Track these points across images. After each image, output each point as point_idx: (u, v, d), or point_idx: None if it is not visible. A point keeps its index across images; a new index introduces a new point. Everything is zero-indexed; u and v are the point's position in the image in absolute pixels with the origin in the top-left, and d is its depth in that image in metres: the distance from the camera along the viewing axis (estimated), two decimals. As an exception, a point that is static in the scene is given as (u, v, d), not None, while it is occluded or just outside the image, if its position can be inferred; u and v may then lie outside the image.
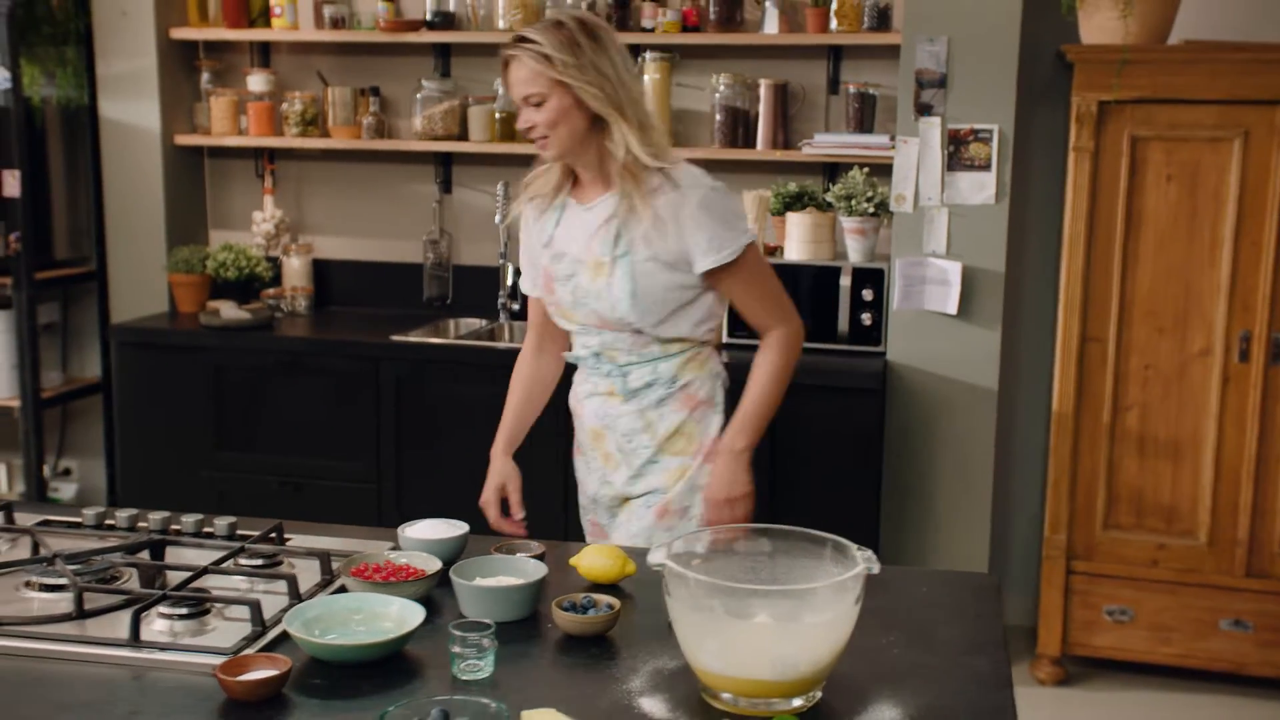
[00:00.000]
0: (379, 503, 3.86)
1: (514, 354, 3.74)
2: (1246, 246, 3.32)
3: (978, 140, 3.56)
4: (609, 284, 2.19)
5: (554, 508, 3.65)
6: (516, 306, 4.14)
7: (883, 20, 3.73)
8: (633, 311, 2.19)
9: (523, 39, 2.14)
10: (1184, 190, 3.35)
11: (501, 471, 2.45)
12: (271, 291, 4.22)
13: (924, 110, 3.58)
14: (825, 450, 3.51)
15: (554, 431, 2.83)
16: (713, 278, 2.21)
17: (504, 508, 2.43)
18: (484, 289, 4.19)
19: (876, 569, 1.49)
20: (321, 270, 4.34)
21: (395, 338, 3.84)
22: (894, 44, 3.67)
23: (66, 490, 4.38)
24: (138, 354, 3.98)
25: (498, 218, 4.06)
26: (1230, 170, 3.30)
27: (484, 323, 4.16)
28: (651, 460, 2.30)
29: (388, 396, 3.79)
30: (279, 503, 3.83)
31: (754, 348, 2.34)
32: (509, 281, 4.11)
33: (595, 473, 2.39)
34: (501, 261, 4.11)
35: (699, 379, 2.30)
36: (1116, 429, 3.47)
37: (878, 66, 3.83)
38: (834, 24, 3.76)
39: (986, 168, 3.55)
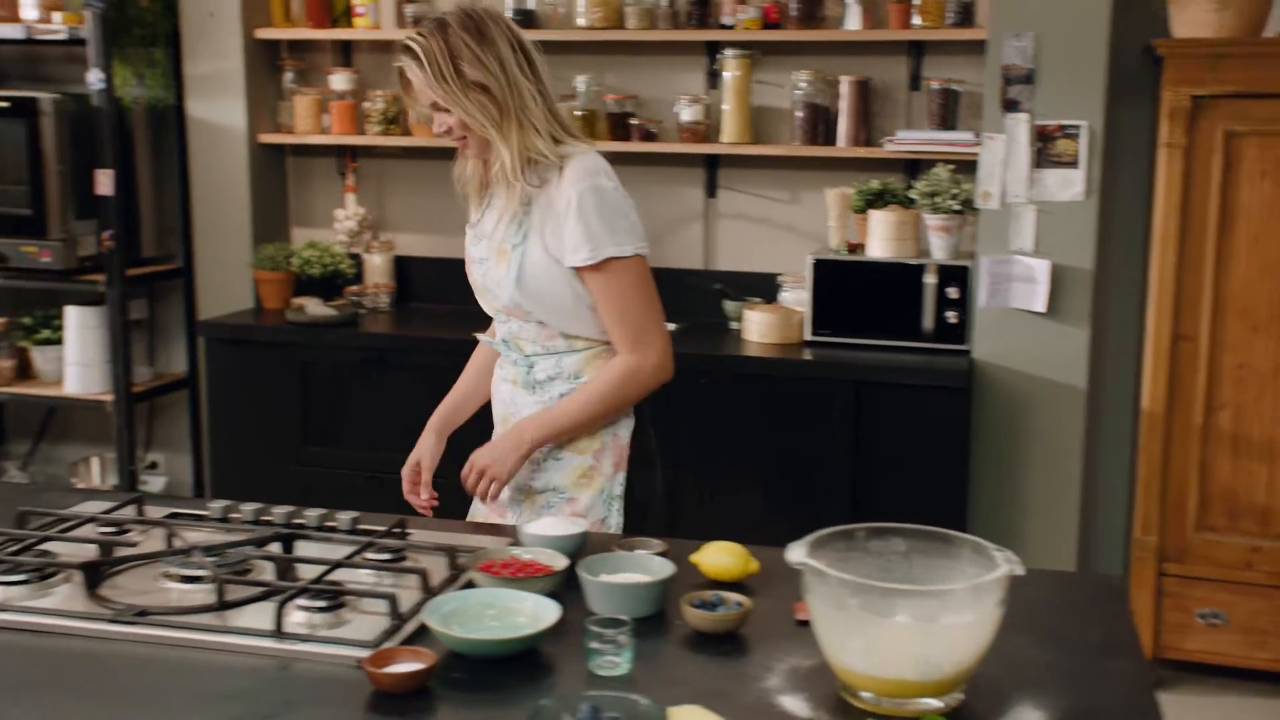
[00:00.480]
0: (461, 497, 3.88)
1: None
2: (1345, 244, 3.27)
3: (1065, 136, 3.53)
4: (506, 270, 2.20)
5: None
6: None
7: (966, 16, 3.71)
8: (517, 299, 2.18)
9: (406, 48, 2.12)
10: (1279, 186, 3.30)
11: (421, 448, 2.48)
12: (354, 288, 4.26)
13: (1011, 106, 3.56)
14: (911, 449, 3.50)
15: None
16: (582, 278, 2.17)
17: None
18: (563, 286, 4.20)
19: (1021, 571, 1.48)
20: (403, 267, 4.37)
21: (477, 335, 3.86)
22: (977, 40, 3.64)
23: (155, 483, 4.45)
24: (225, 349, 4.04)
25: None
26: (1329, 166, 3.25)
27: (564, 320, 4.17)
28: (552, 455, 2.26)
29: (471, 393, 3.81)
30: (364, 497, 3.86)
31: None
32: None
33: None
34: (581, 259, 4.12)
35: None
36: (1209, 429, 3.43)
37: (960, 62, 3.81)
38: (916, 20, 3.74)
39: (1074, 164, 3.52)
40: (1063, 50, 3.49)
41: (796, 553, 1.52)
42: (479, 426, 2.51)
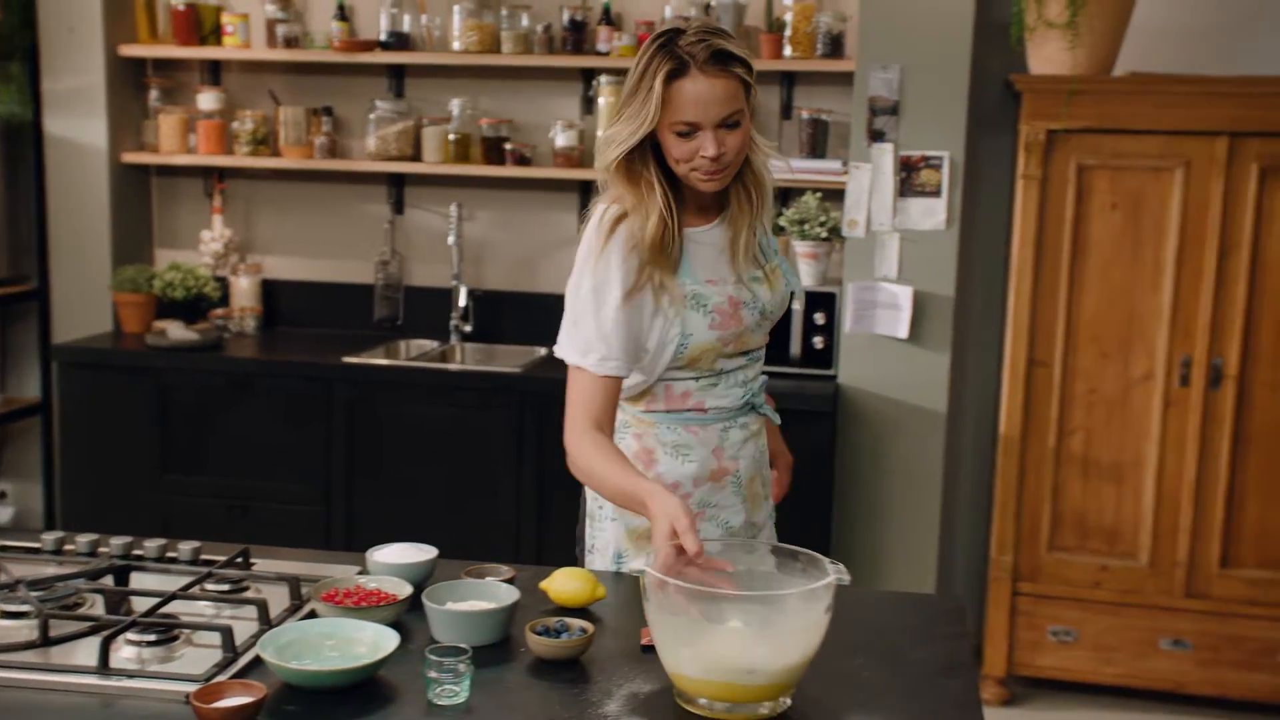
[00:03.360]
0: (328, 526, 3.82)
1: (467, 376, 3.78)
2: (1187, 273, 3.41)
3: (929, 167, 3.63)
4: (785, 286, 2.09)
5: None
6: (469, 328, 4.13)
7: (835, 48, 3.79)
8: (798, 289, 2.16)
9: (729, 55, 1.88)
10: (1128, 218, 3.43)
11: (671, 505, 1.74)
12: (220, 312, 4.17)
13: (877, 137, 3.64)
14: (778, 472, 3.53)
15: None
16: None
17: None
18: (436, 310, 4.17)
19: (847, 579, 1.55)
20: (271, 290, 4.30)
21: (347, 359, 3.82)
22: (846, 71, 3.72)
23: (3, 514, 4.29)
24: (81, 374, 3.91)
25: (450, 239, 4.06)
26: (1172, 199, 3.39)
27: (436, 344, 4.14)
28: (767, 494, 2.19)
29: (339, 418, 3.76)
30: (226, 526, 3.78)
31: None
32: (461, 303, 4.11)
33: (737, 513, 2.08)
34: (454, 283, 4.10)
35: None
36: (1061, 452, 3.54)
37: (830, 93, 3.89)
38: (788, 50, 3.81)
39: (937, 194, 3.62)
40: (927, 83, 3.59)
41: (637, 562, 1.57)
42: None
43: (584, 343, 1.96)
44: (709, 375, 2.03)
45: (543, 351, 4.03)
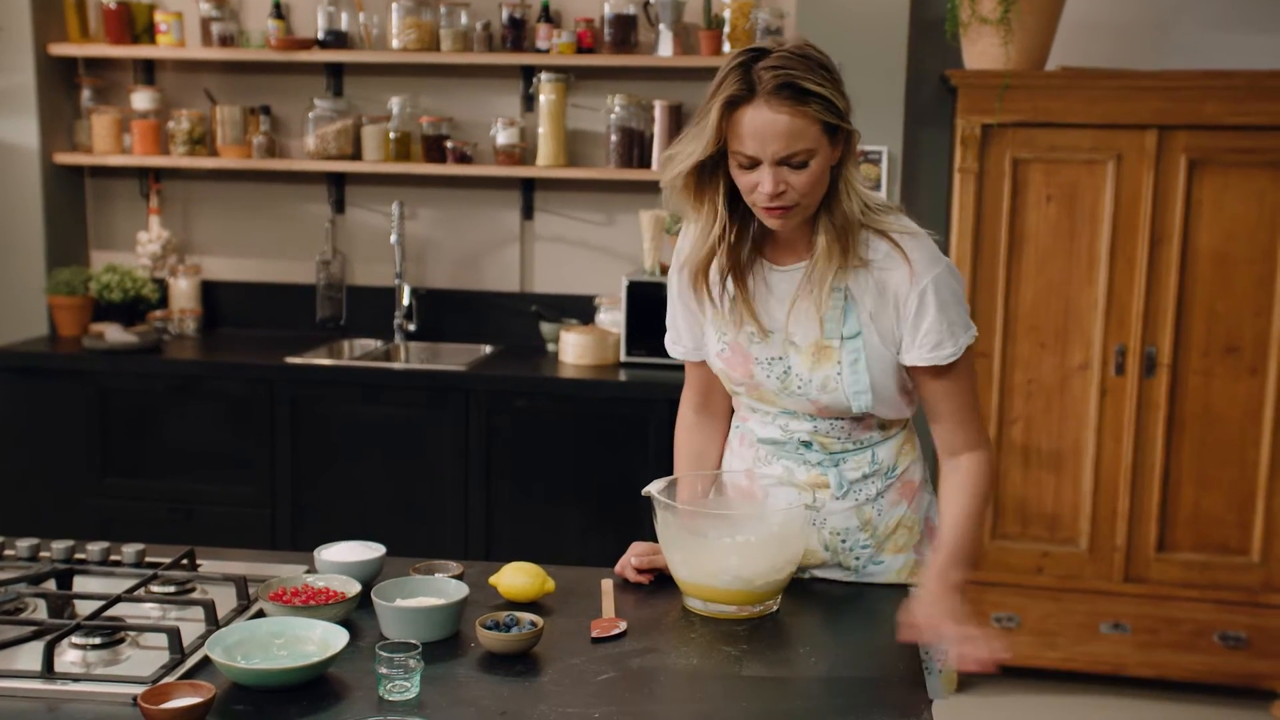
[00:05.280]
0: (273, 527, 3.79)
1: (412, 375, 3.76)
2: (1121, 264, 3.48)
3: (867, 161, 3.67)
4: (838, 373, 1.83)
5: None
6: (413, 327, 4.11)
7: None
8: (870, 406, 1.85)
9: (801, 89, 1.69)
10: (1063, 210, 3.50)
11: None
12: (158, 314, 4.12)
13: (815, 133, 3.67)
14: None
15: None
16: (918, 372, 1.85)
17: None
18: (378, 310, 4.15)
19: (815, 512, 1.86)
20: (210, 292, 4.25)
21: (289, 360, 3.79)
22: (785, 68, 3.75)
23: (-63, 522, 4.19)
24: (15, 379, 3.84)
25: (392, 238, 4.04)
26: (1105, 191, 3.46)
27: (379, 344, 4.12)
28: (874, 561, 1.95)
29: (282, 419, 3.73)
30: (168, 530, 3.73)
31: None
32: (404, 301, 4.09)
33: None
34: (397, 282, 4.08)
35: (913, 462, 1.97)
36: (1002, 441, 3.59)
37: (769, 90, 3.91)
38: (726, 46, 3.83)
39: (876, 188, 3.66)
40: (864, 78, 3.62)
41: (653, 487, 1.87)
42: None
43: (669, 325, 2.03)
44: (745, 406, 1.97)
45: (487, 349, 4.03)
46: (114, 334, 3.87)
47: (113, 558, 1.90)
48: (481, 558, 3.58)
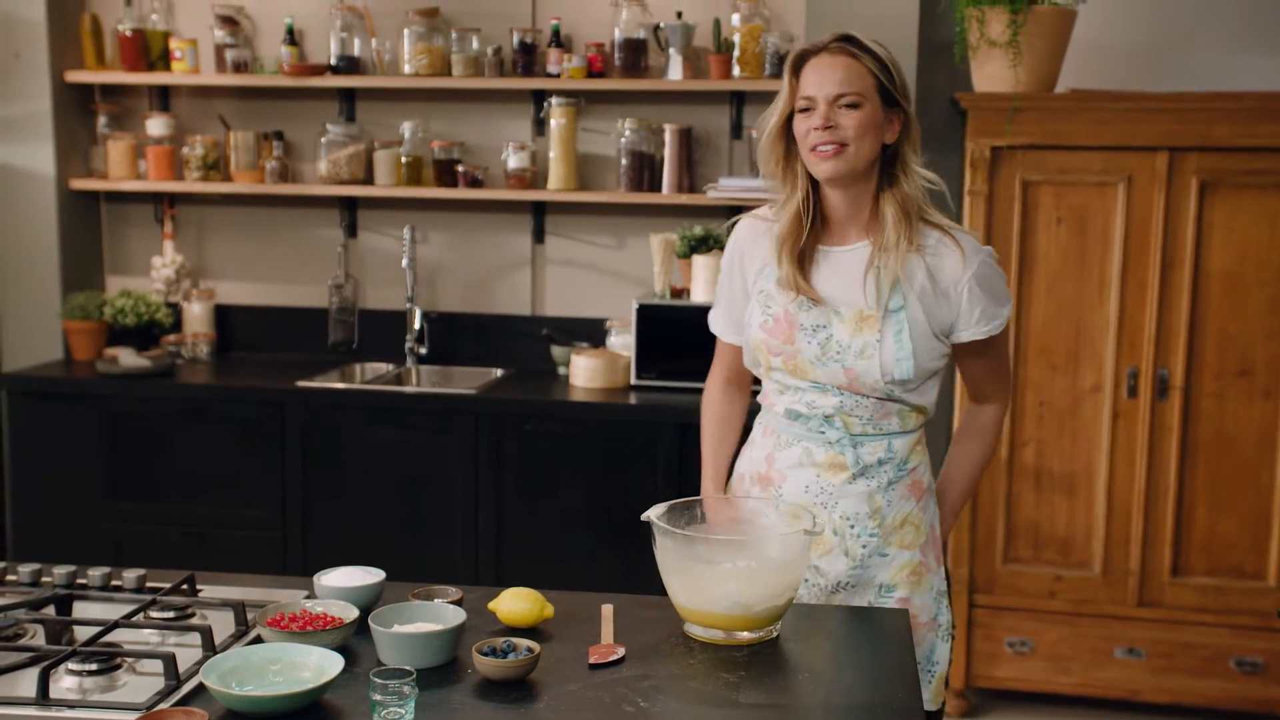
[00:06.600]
0: (285, 551, 3.79)
1: (423, 398, 3.76)
2: (1132, 286, 3.46)
3: (876, 185, 3.66)
4: (877, 339, 1.96)
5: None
6: (424, 350, 4.12)
7: (783, 67, 3.82)
8: (911, 374, 1.97)
9: (855, 40, 1.99)
10: (1073, 232, 3.48)
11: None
12: (172, 338, 4.14)
13: (824, 156, 3.67)
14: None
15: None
16: (965, 347, 2.05)
17: None
18: (390, 333, 4.17)
19: (818, 532, 1.83)
20: (224, 316, 4.27)
21: (301, 383, 3.80)
22: (794, 91, 3.75)
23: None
24: (30, 403, 3.87)
25: (404, 261, 4.05)
26: (1116, 213, 3.44)
27: (391, 367, 4.13)
28: (879, 552, 2.03)
29: (294, 443, 3.74)
30: (181, 554, 3.75)
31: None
32: (416, 325, 4.10)
33: None
34: (409, 306, 4.09)
35: (923, 463, 2.10)
36: (1014, 464, 3.57)
37: (779, 113, 3.92)
38: (736, 71, 3.84)
39: (885, 211, 3.64)
40: (871, 102, 3.62)
41: (651, 512, 1.87)
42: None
43: (716, 301, 2.21)
44: (775, 384, 2.08)
45: (499, 373, 4.03)
46: (128, 358, 3.90)
47: (114, 583, 1.90)
48: (491, 580, 3.58)
